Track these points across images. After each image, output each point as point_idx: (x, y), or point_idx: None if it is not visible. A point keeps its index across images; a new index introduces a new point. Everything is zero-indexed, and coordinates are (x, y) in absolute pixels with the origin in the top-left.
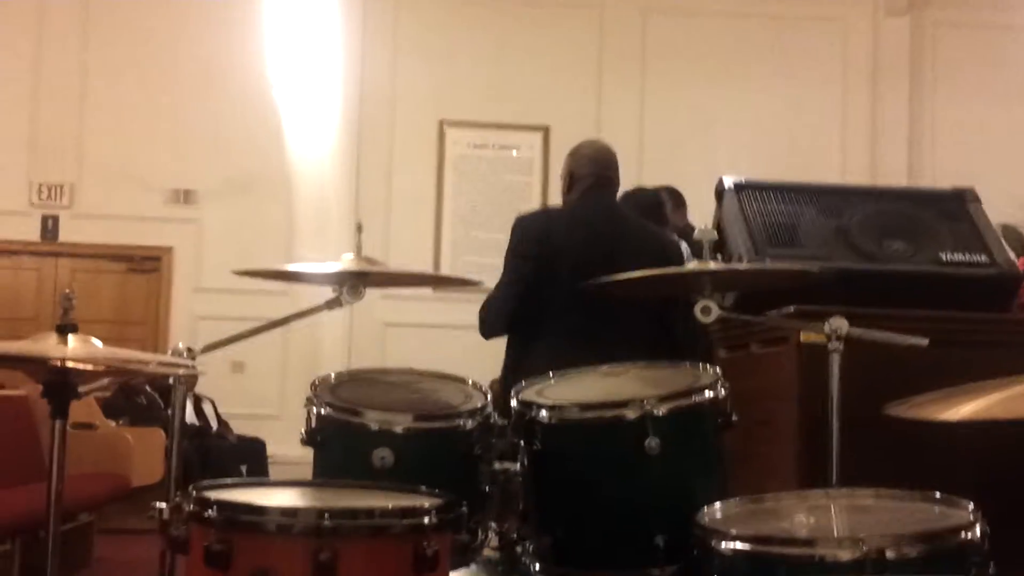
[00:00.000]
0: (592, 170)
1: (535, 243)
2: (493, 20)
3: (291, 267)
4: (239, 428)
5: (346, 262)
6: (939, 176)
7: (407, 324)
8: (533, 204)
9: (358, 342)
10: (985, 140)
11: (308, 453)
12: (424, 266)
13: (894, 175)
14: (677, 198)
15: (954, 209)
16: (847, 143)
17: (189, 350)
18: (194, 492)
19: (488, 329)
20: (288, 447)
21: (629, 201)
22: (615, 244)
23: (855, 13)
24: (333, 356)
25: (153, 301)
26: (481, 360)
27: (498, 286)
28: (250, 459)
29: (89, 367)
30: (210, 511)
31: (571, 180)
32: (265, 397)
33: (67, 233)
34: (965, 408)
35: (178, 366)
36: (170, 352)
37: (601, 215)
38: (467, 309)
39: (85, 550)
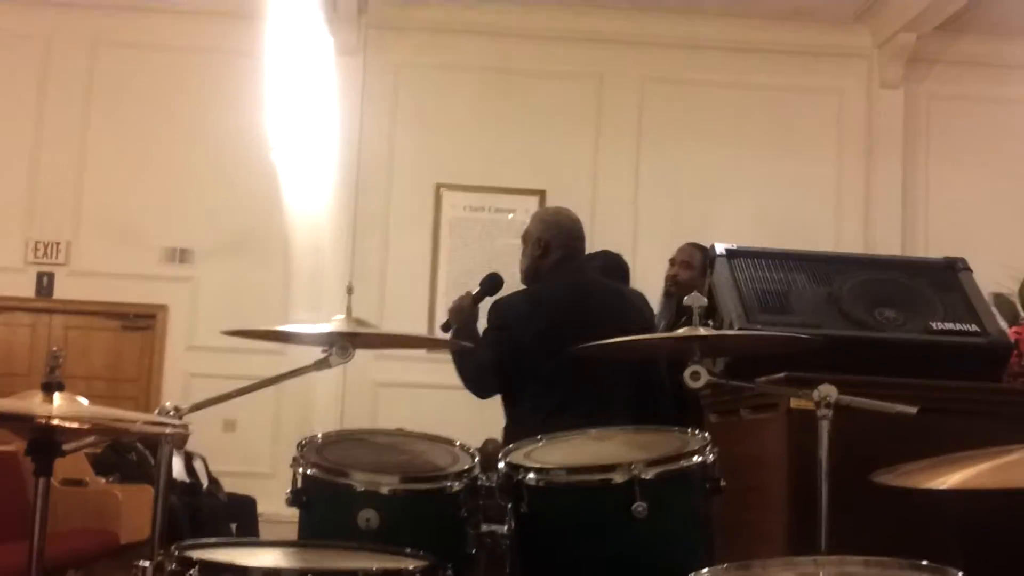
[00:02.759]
0: (568, 242)
1: (515, 326)
2: (492, 86)
3: (280, 328)
4: (230, 486)
5: (336, 323)
6: (932, 246)
7: (400, 384)
8: None
9: (351, 401)
10: (978, 211)
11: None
12: (419, 328)
13: (887, 245)
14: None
15: (945, 278)
16: (841, 212)
17: (177, 409)
18: (176, 552)
19: (476, 392)
20: (280, 506)
21: (596, 260)
22: (598, 315)
23: (850, 85)
24: (325, 415)
25: (147, 358)
26: (474, 420)
27: (475, 362)
28: (240, 517)
29: (75, 425)
30: (192, 572)
31: (547, 249)
32: (257, 455)
33: (62, 290)
34: (954, 477)
35: (165, 425)
36: (157, 412)
37: (582, 289)
38: None
39: None
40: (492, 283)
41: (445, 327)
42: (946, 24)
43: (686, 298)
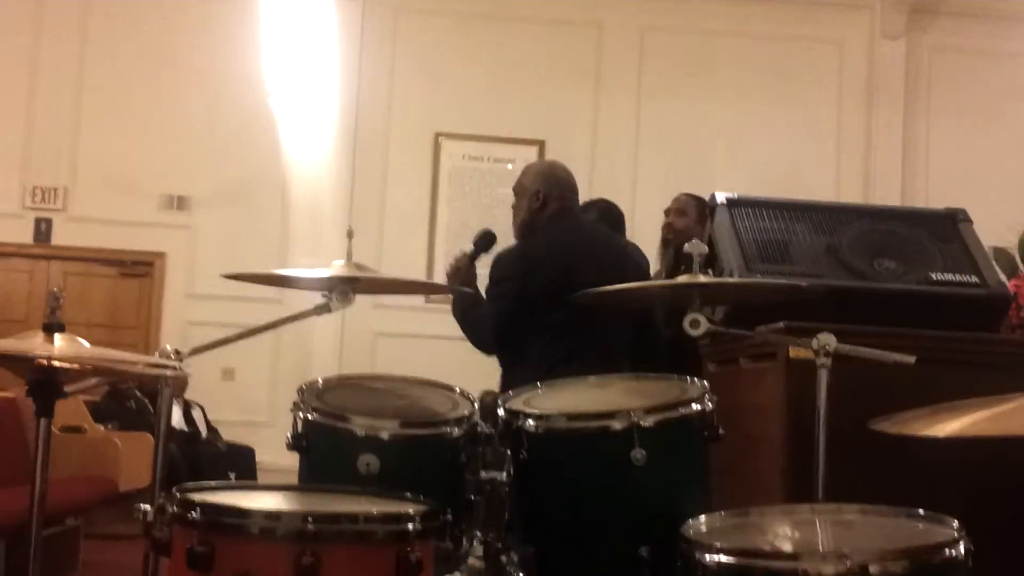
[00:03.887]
0: (564, 194)
1: (518, 280)
2: (491, 34)
3: (280, 271)
4: (229, 435)
5: (336, 268)
6: (932, 197)
7: (398, 334)
8: None
9: (349, 351)
10: (978, 163)
11: (297, 461)
12: (417, 277)
13: (888, 195)
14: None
15: (945, 230)
16: (841, 162)
17: (177, 352)
18: (178, 494)
19: (482, 348)
20: (277, 454)
21: (592, 209)
22: (598, 265)
23: (852, 35)
24: (324, 365)
25: (145, 306)
26: (471, 371)
27: (480, 316)
28: (239, 466)
29: (75, 366)
30: (193, 513)
31: (545, 201)
32: (255, 404)
33: (60, 236)
34: (951, 425)
35: (165, 367)
36: (157, 354)
37: (582, 240)
38: None
39: (72, 554)
40: (486, 240)
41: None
42: None
43: (686, 245)
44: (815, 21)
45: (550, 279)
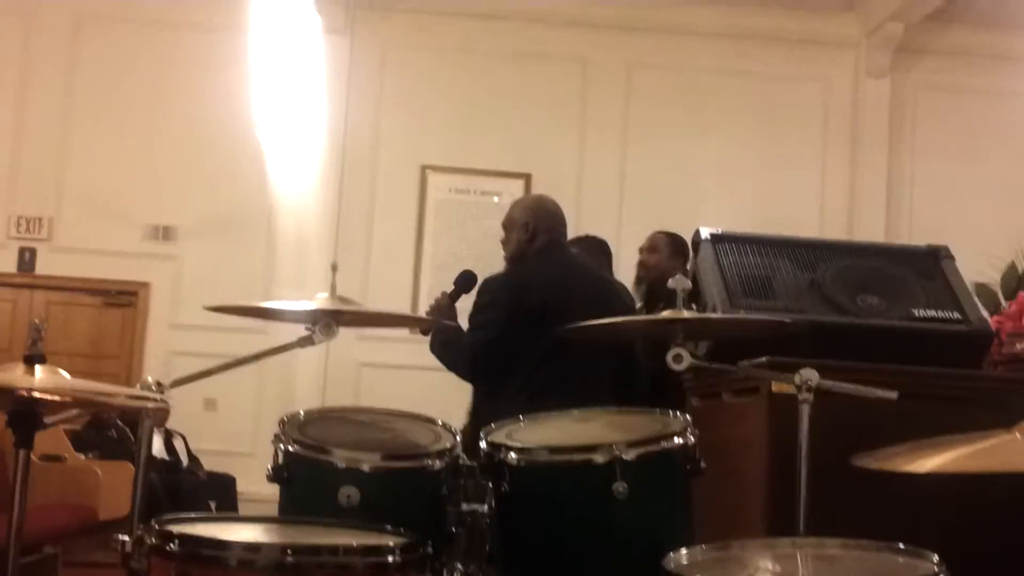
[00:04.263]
0: (553, 226)
1: (505, 306)
2: (478, 68)
3: (263, 304)
4: (211, 465)
5: (319, 300)
6: (916, 235)
7: (382, 365)
8: None
9: (333, 382)
10: (961, 200)
11: (279, 491)
12: (402, 309)
13: (871, 232)
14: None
15: (928, 266)
16: (826, 200)
17: (158, 384)
18: (156, 525)
19: (462, 375)
20: (260, 485)
21: (578, 244)
22: (584, 297)
23: (837, 73)
24: (307, 395)
25: (128, 336)
26: (455, 402)
27: (464, 344)
28: (220, 495)
29: (56, 398)
30: (172, 545)
31: (534, 233)
32: (238, 435)
33: (44, 266)
34: (932, 461)
35: (146, 399)
36: (139, 386)
37: (570, 272)
38: None
39: None
40: (466, 280)
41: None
42: (934, 14)
43: (670, 281)
44: (800, 59)
45: (535, 307)
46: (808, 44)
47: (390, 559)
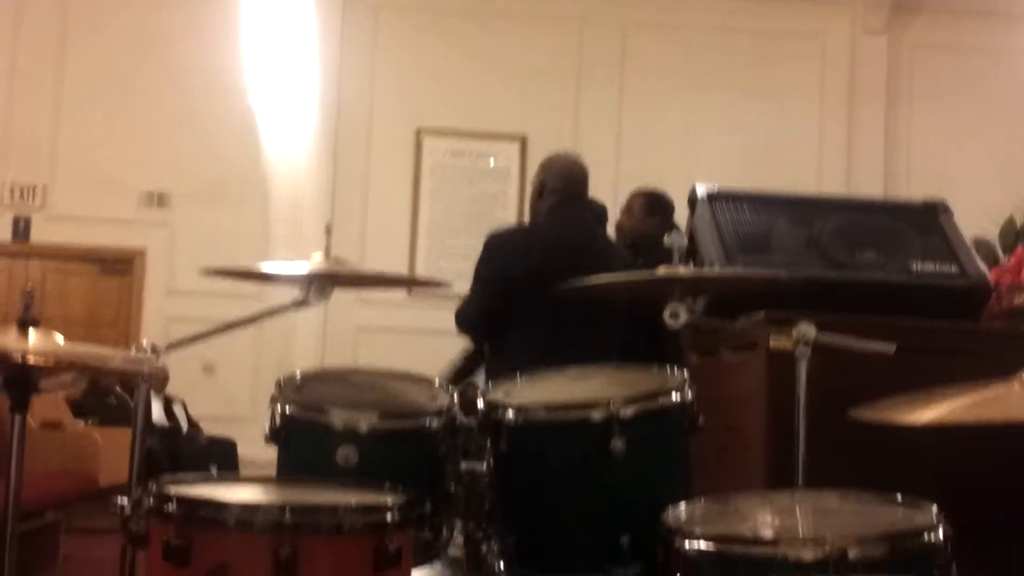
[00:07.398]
0: (562, 185)
1: (507, 261)
2: (473, 30)
3: (258, 267)
4: (210, 429)
5: (315, 262)
6: (914, 191)
7: (380, 328)
8: (509, 213)
9: (331, 346)
10: (959, 156)
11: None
12: (399, 271)
13: (869, 188)
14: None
15: (926, 221)
16: (823, 156)
17: (154, 347)
18: (154, 487)
19: (467, 332)
20: (260, 448)
21: None
22: (585, 258)
23: (833, 30)
24: (305, 359)
25: (125, 303)
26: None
27: (469, 299)
28: (221, 460)
29: (50, 362)
30: (169, 506)
31: (542, 191)
32: (237, 399)
33: (39, 234)
34: (929, 412)
35: (141, 362)
36: (134, 350)
37: (571, 231)
38: (440, 315)
39: (51, 549)
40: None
41: None
42: None
43: (666, 238)
44: (797, 16)
45: (531, 266)
46: (805, 1)
47: (388, 517)
